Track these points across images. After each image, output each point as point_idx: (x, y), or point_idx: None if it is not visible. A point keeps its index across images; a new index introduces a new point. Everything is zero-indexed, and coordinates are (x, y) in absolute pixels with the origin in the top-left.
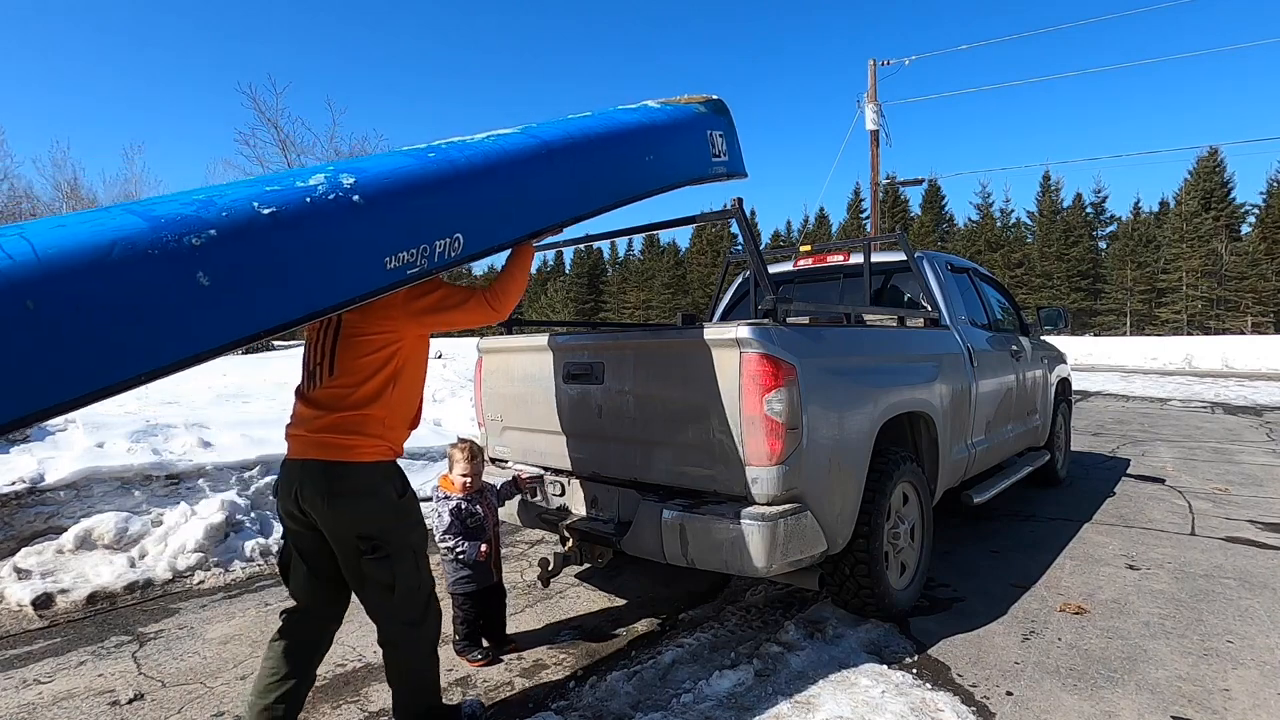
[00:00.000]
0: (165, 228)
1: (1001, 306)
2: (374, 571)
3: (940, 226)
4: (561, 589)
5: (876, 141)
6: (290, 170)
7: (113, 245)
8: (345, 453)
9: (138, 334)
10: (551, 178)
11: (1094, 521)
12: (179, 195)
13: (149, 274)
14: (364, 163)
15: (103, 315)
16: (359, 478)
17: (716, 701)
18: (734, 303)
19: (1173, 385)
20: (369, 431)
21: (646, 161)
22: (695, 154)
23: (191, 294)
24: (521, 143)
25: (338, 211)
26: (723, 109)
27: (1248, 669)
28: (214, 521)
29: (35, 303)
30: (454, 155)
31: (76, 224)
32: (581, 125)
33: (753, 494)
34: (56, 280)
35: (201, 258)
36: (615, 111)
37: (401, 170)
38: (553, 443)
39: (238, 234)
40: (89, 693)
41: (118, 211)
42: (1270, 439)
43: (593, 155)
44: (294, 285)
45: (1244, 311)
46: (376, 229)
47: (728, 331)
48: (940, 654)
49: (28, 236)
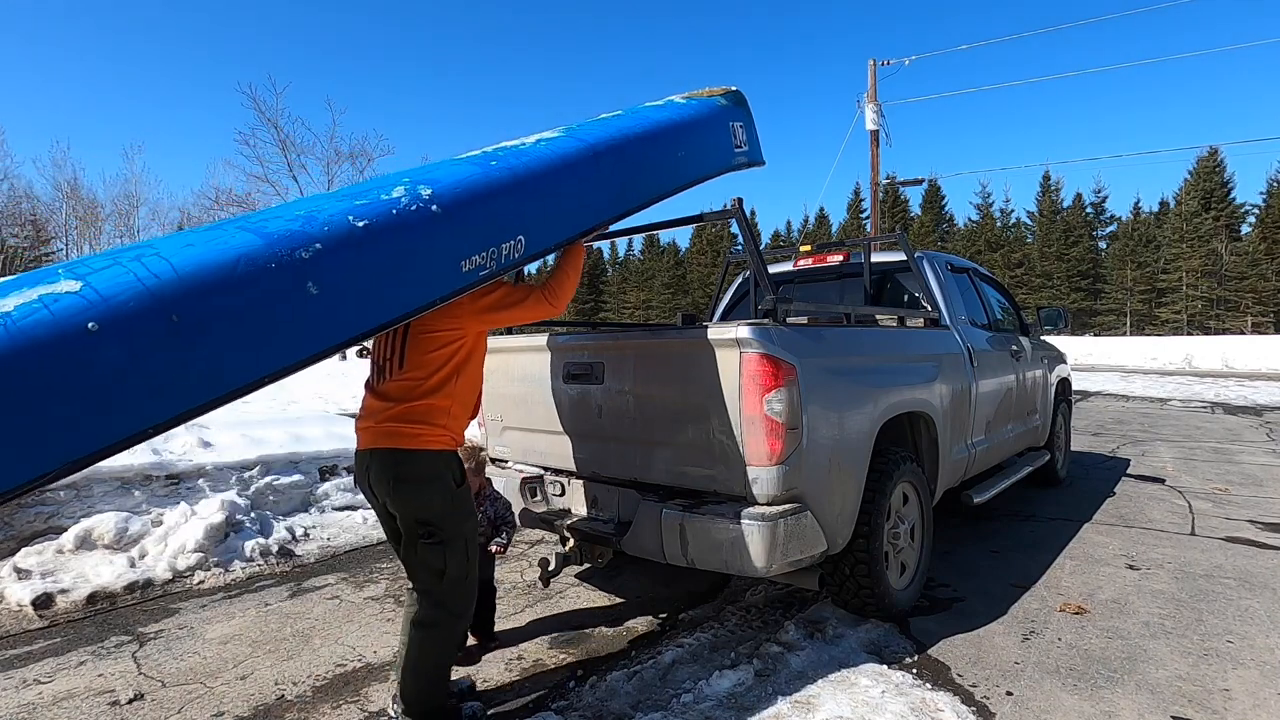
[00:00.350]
0: (278, 243)
1: (1001, 306)
2: (428, 556)
3: (940, 226)
4: (561, 589)
5: (876, 141)
6: (372, 181)
7: (237, 261)
8: (412, 440)
9: (260, 340)
10: (598, 179)
11: (1094, 521)
12: (281, 211)
13: (268, 286)
14: (435, 172)
15: (231, 325)
16: (423, 464)
17: (716, 701)
18: (734, 303)
19: (1173, 385)
20: (435, 421)
21: (679, 158)
22: (721, 147)
23: (303, 302)
24: (570, 147)
25: (420, 221)
26: (742, 100)
27: (1248, 669)
28: (214, 521)
29: (179, 316)
30: (514, 163)
31: (202, 243)
32: (620, 126)
33: (753, 494)
34: (195, 295)
35: (311, 269)
36: (646, 109)
37: (471, 179)
38: (553, 443)
39: (339, 246)
40: (89, 693)
41: (233, 229)
42: (1270, 439)
43: (632, 155)
44: (388, 291)
45: (1244, 311)
46: (453, 235)
47: (728, 331)
48: (940, 654)
49: (164, 256)
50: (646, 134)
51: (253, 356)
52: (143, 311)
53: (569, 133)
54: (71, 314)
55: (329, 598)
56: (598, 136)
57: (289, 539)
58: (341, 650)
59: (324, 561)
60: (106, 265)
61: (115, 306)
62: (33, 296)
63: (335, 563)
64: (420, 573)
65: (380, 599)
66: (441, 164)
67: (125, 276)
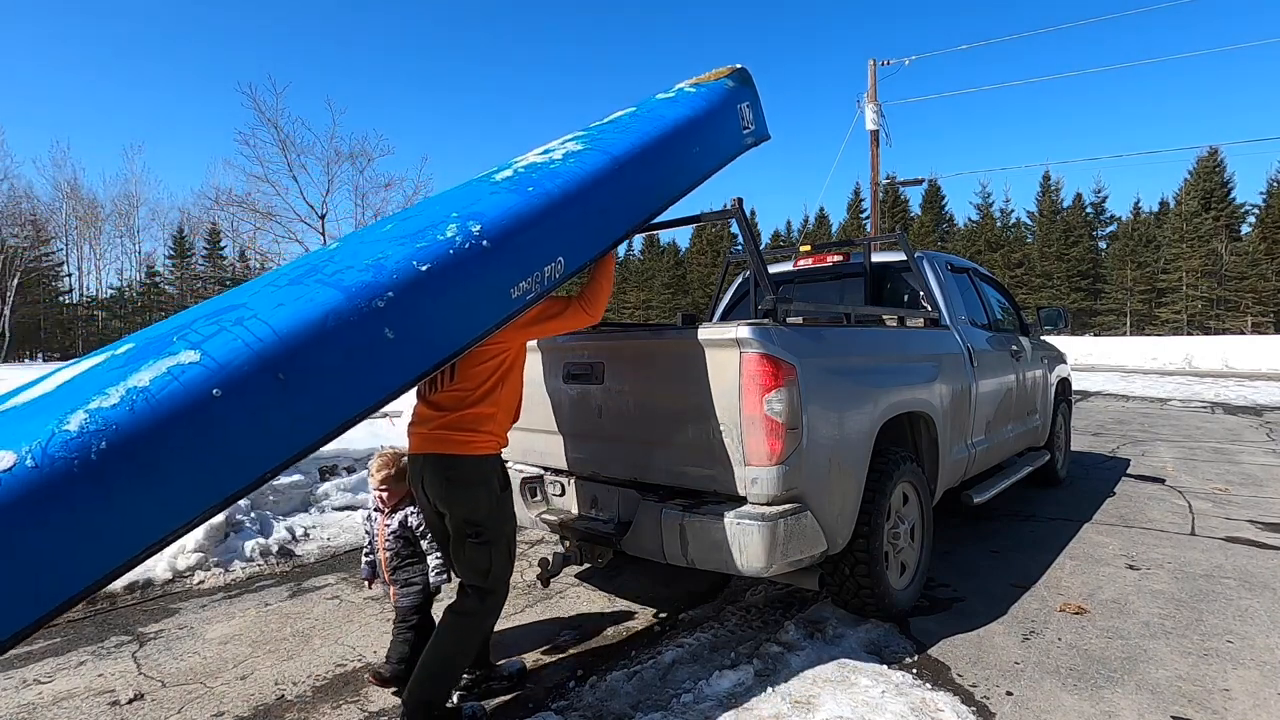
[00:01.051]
0: (357, 296)
1: (1001, 306)
2: (475, 555)
3: (940, 226)
4: (561, 589)
5: (876, 141)
6: (422, 216)
7: (325, 318)
8: (461, 446)
9: (351, 386)
10: (624, 191)
11: (1094, 521)
12: (351, 259)
13: (355, 338)
14: (479, 205)
15: (327, 376)
16: (472, 469)
17: (716, 701)
18: (734, 303)
19: (1173, 385)
20: (482, 428)
21: (694, 154)
22: (730, 132)
23: (384, 347)
24: (598, 162)
25: (473, 258)
26: (747, 78)
27: (1248, 669)
28: (214, 521)
29: (285, 374)
30: (549, 186)
31: (291, 301)
32: (639, 131)
33: (753, 494)
34: (296, 354)
35: (387, 317)
36: (659, 105)
37: (514, 210)
38: (553, 443)
39: (408, 291)
40: (89, 693)
41: (314, 284)
42: (1270, 439)
43: (653, 161)
44: (452, 326)
45: (1244, 311)
46: (503, 267)
47: (728, 331)
48: (940, 654)
49: (263, 319)
50: (664, 137)
51: (345, 401)
52: (255, 374)
53: (593, 144)
54: (198, 382)
55: (329, 598)
56: (620, 147)
57: (289, 539)
58: (341, 650)
59: (324, 561)
60: (215, 330)
61: (232, 372)
62: (162, 370)
63: (335, 563)
64: (467, 570)
65: (380, 599)
66: (480, 193)
67: (235, 343)
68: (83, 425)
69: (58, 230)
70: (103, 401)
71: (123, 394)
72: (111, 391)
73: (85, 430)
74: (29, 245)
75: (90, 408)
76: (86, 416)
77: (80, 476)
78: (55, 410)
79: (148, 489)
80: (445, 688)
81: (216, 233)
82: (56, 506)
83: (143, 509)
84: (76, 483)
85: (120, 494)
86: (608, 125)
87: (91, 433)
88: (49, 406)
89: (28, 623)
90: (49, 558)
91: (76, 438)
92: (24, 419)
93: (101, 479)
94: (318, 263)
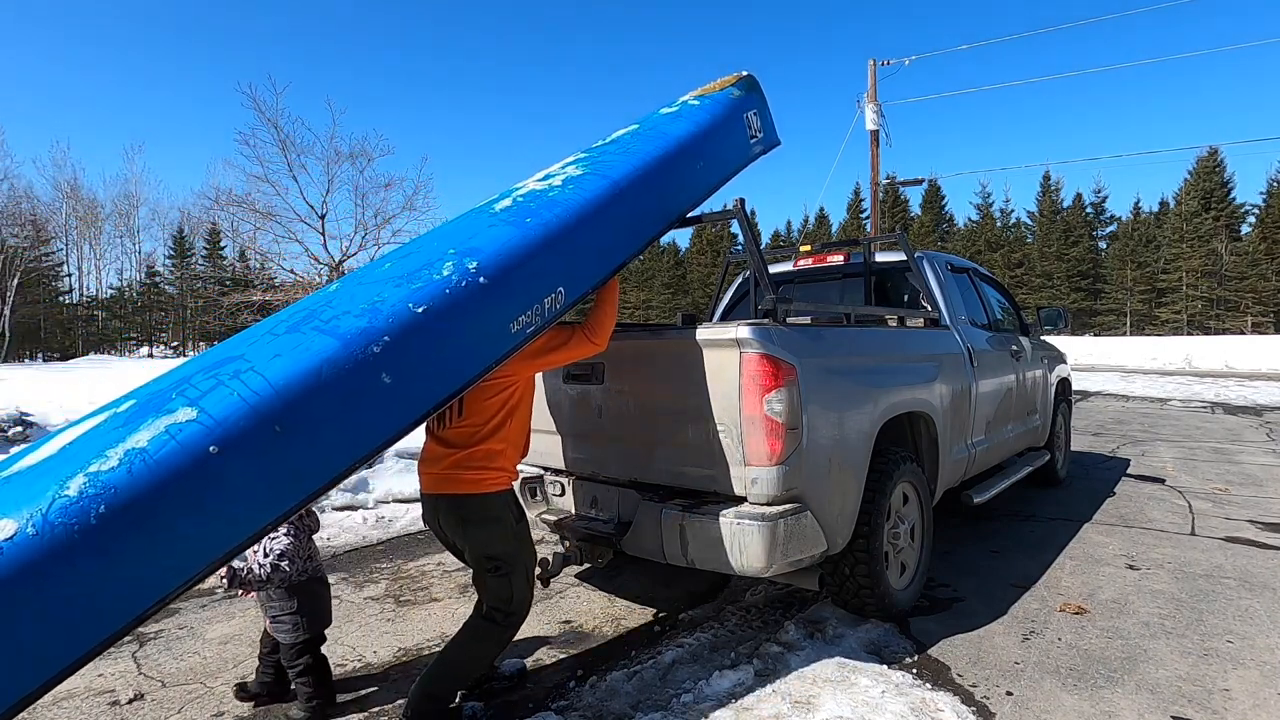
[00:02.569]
0: (353, 342)
1: (1001, 306)
2: (495, 586)
3: (940, 226)
4: (561, 589)
5: (876, 141)
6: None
7: (321, 368)
8: (474, 485)
9: (348, 434)
10: (627, 217)
11: (1094, 521)
12: (348, 304)
13: (350, 386)
14: (476, 240)
15: (323, 426)
16: (486, 507)
17: (716, 701)
18: (734, 303)
19: (1173, 385)
20: (493, 464)
21: (698, 169)
22: (738, 143)
23: (381, 392)
24: (598, 188)
25: (470, 296)
26: (754, 85)
27: (1248, 669)
28: None
29: (282, 427)
30: (547, 216)
31: (287, 352)
32: (641, 153)
33: (752, 494)
34: (292, 407)
35: (383, 362)
36: (662, 122)
37: (511, 244)
38: (553, 443)
39: (404, 335)
40: (89, 693)
41: (310, 333)
42: (1270, 439)
43: (654, 183)
44: (450, 365)
45: (1244, 311)
46: (501, 302)
47: (728, 331)
48: (940, 654)
49: (259, 371)
50: (665, 156)
51: (344, 448)
52: (252, 428)
53: (593, 168)
54: (195, 440)
55: None
56: (620, 171)
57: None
58: (341, 650)
59: (324, 561)
60: (212, 386)
61: (229, 428)
62: (160, 429)
63: (335, 563)
64: (491, 598)
65: (380, 599)
66: (478, 226)
67: (232, 398)
68: (82, 490)
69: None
70: (102, 465)
71: (121, 456)
72: (111, 454)
73: (84, 495)
74: (29, 245)
75: (90, 471)
76: (86, 480)
77: (80, 542)
78: (56, 475)
79: (148, 550)
80: (454, 687)
81: (216, 233)
82: (58, 571)
83: (144, 569)
84: (77, 548)
85: (120, 556)
86: (610, 145)
87: (90, 497)
88: (50, 471)
89: (31, 689)
90: (53, 623)
91: (76, 502)
92: (26, 484)
93: (101, 542)
94: (315, 307)
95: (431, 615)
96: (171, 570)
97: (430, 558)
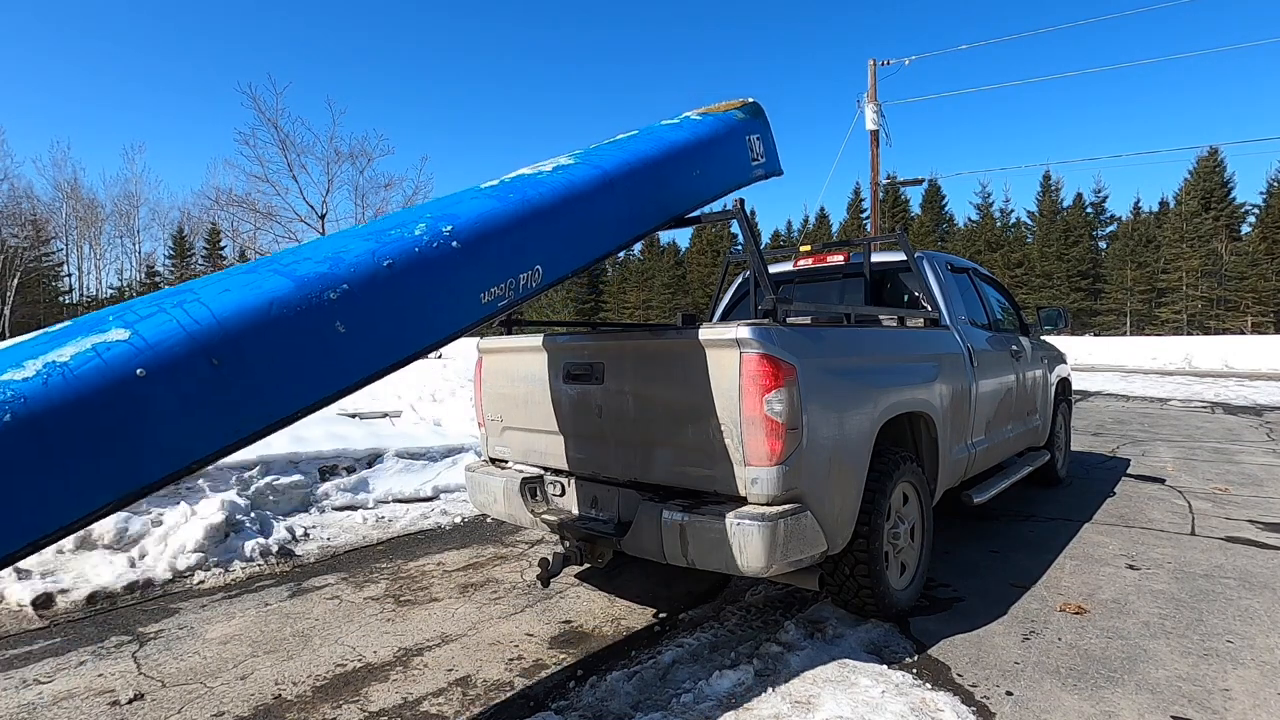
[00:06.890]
0: (308, 285)
1: (1001, 306)
2: None
3: (940, 226)
4: (561, 589)
5: (876, 141)
6: (395, 217)
7: (270, 305)
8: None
9: (293, 379)
10: (614, 206)
11: (1094, 521)
12: (312, 252)
13: (300, 327)
14: (455, 208)
15: (266, 366)
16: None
17: (716, 701)
18: (734, 303)
19: (1173, 385)
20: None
21: (694, 177)
22: (738, 162)
23: (333, 340)
24: (586, 175)
25: (441, 257)
26: (759, 112)
27: (1248, 669)
28: (214, 521)
29: (220, 360)
30: (530, 194)
31: (238, 287)
32: (635, 149)
33: (753, 494)
34: (232, 340)
35: (339, 309)
36: (661, 129)
37: (490, 214)
38: (553, 443)
39: (365, 285)
40: (89, 693)
41: (266, 273)
42: (1270, 439)
43: (647, 179)
44: (411, 325)
45: (1244, 311)
46: (473, 269)
47: (728, 332)
48: (940, 654)
49: (204, 302)
50: (661, 156)
51: (287, 394)
52: (186, 356)
53: (585, 159)
54: (122, 360)
55: (329, 598)
56: (613, 163)
57: (289, 539)
58: (341, 650)
59: (324, 561)
60: (153, 312)
61: (161, 353)
62: (87, 345)
63: (335, 563)
64: None
65: (380, 599)
66: (462, 198)
67: (170, 324)
68: None
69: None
70: (16, 374)
71: (40, 367)
72: (29, 364)
73: None
74: (29, 245)
75: (2, 379)
76: None
77: None
78: None
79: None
80: None
81: (216, 233)
82: None
83: (48, 490)
84: None
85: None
86: (605, 144)
87: None
88: None
89: None
90: None
91: None
92: None
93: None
94: (280, 254)
95: (431, 615)
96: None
97: (430, 558)
